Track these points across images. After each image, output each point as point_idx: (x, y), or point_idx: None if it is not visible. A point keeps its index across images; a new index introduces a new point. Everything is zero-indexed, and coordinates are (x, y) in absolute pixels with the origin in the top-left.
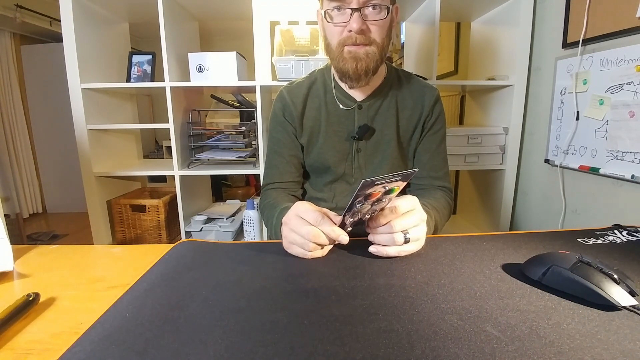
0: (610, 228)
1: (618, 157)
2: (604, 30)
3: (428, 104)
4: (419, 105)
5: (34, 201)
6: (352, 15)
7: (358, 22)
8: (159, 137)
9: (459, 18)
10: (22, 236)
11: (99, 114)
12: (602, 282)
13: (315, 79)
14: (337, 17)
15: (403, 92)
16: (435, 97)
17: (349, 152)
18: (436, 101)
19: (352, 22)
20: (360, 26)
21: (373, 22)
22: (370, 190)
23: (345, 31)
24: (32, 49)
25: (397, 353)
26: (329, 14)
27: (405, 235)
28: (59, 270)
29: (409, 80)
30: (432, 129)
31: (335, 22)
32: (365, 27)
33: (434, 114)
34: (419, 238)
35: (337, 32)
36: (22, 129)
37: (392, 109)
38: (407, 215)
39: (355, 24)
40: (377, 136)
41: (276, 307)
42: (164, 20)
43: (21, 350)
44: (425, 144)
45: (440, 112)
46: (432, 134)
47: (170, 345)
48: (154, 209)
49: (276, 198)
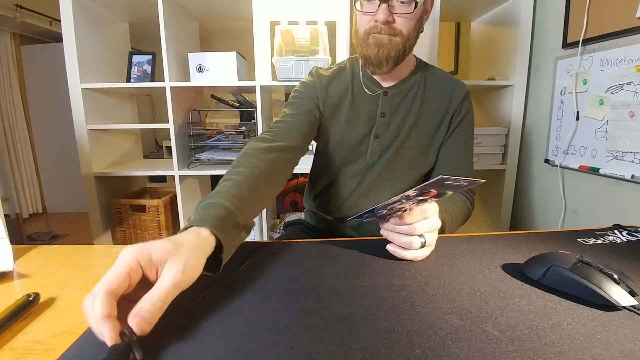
0: (610, 228)
1: (618, 157)
2: (604, 30)
3: (457, 98)
4: (447, 99)
5: (34, 201)
6: (379, 6)
7: (385, 14)
8: (159, 137)
9: (459, 18)
10: (22, 236)
11: (99, 114)
12: (602, 282)
13: (345, 65)
14: (366, 7)
15: (431, 85)
16: (464, 92)
17: (366, 137)
18: (465, 97)
19: (378, 13)
20: (386, 18)
21: (400, 15)
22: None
23: (372, 21)
24: (32, 49)
25: (397, 353)
26: (360, 2)
27: (422, 239)
28: (59, 270)
29: (438, 74)
30: (460, 125)
31: (364, 11)
32: (392, 19)
33: (463, 110)
34: (432, 243)
35: (365, 21)
36: (22, 129)
37: (418, 99)
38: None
39: (382, 15)
40: (398, 125)
41: (276, 307)
42: (164, 20)
43: (21, 350)
44: (453, 141)
45: (469, 109)
46: (460, 131)
47: (170, 345)
48: (154, 209)
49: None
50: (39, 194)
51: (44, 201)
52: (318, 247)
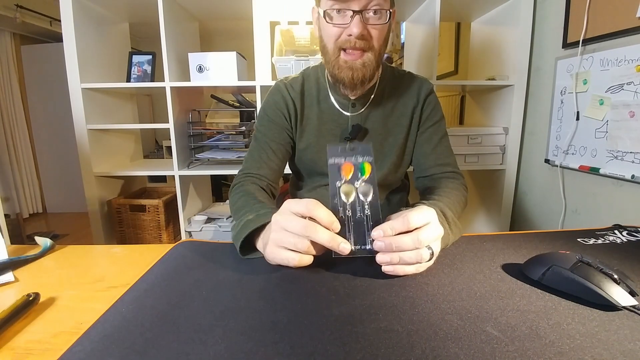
0: (611, 228)
1: (618, 157)
2: (604, 30)
3: (421, 95)
4: (413, 98)
5: (34, 201)
6: (353, 18)
7: (359, 27)
8: (159, 137)
9: (459, 18)
10: (22, 236)
11: (99, 114)
12: (602, 282)
13: (308, 75)
14: (337, 19)
15: (397, 89)
16: (428, 89)
17: None
18: (429, 92)
19: (352, 27)
20: (361, 31)
21: (374, 27)
22: (339, 161)
23: (345, 34)
24: (32, 49)
25: (397, 353)
26: (329, 14)
27: (429, 250)
28: (59, 270)
29: (403, 77)
30: (429, 119)
31: (334, 23)
32: (366, 32)
33: (428, 104)
34: (437, 253)
35: (335, 34)
36: (22, 129)
37: (387, 107)
38: (427, 227)
39: (356, 29)
40: (371, 135)
41: (276, 307)
42: (164, 20)
43: (21, 350)
44: (426, 136)
45: (435, 103)
46: (431, 126)
47: (170, 345)
48: (154, 209)
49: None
50: (39, 194)
51: (44, 201)
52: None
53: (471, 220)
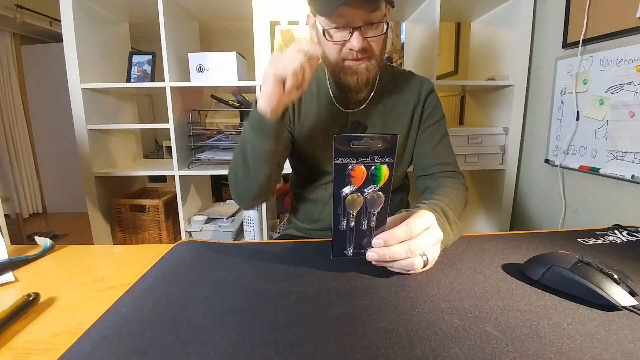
0: (611, 228)
1: (618, 157)
2: (604, 30)
3: (422, 93)
4: (414, 96)
5: (34, 201)
6: (352, 34)
7: (359, 41)
8: (159, 137)
9: (459, 18)
10: (22, 236)
11: (99, 114)
12: (602, 282)
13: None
14: (337, 35)
15: (398, 87)
16: (429, 88)
17: None
18: (430, 91)
19: (353, 41)
20: (361, 45)
21: (372, 38)
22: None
23: (346, 48)
24: (32, 49)
25: (397, 353)
26: (328, 32)
27: (423, 258)
28: (59, 270)
29: (403, 76)
30: (430, 118)
31: (334, 40)
32: (366, 44)
33: (429, 103)
34: (434, 259)
35: (336, 49)
36: (22, 129)
37: (387, 105)
38: (423, 234)
39: (357, 43)
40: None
41: (276, 307)
42: (164, 20)
43: (21, 350)
44: (427, 135)
45: (436, 102)
46: (432, 125)
47: (170, 345)
48: (154, 209)
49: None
50: (39, 194)
51: (44, 201)
52: (318, 247)
53: (471, 220)
